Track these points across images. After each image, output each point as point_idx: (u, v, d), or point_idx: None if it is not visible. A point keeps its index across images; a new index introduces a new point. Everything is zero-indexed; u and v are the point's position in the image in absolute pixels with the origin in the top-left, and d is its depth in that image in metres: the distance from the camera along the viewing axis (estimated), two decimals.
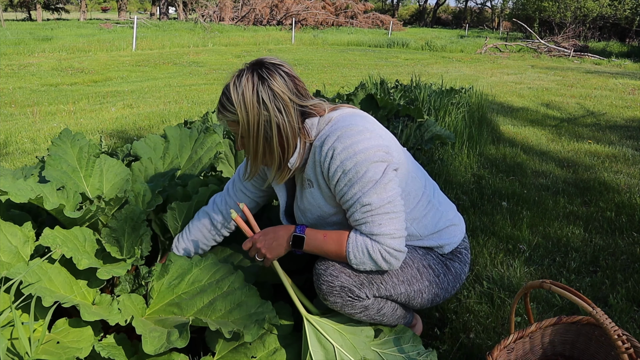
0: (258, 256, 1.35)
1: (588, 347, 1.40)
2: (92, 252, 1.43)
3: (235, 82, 1.27)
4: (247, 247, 1.36)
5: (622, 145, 4.30)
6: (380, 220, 1.23)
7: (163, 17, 31.97)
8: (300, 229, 1.32)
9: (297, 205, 1.44)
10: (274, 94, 1.25)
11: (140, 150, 2.01)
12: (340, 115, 1.32)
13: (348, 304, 1.32)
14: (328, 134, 1.27)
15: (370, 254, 1.25)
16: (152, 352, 1.15)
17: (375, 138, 1.27)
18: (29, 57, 11.84)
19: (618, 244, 2.38)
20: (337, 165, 1.24)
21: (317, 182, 1.33)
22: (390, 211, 1.24)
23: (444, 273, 1.43)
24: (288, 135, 1.28)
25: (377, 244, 1.24)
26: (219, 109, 1.30)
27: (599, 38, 22.00)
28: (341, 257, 1.29)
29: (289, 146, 1.30)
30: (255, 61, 1.31)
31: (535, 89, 7.79)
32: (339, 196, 1.29)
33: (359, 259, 1.26)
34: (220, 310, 1.34)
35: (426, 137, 3.60)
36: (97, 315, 1.20)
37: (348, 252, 1.26)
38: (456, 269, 1.46)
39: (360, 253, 1.26)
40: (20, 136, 4.52)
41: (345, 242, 1.27)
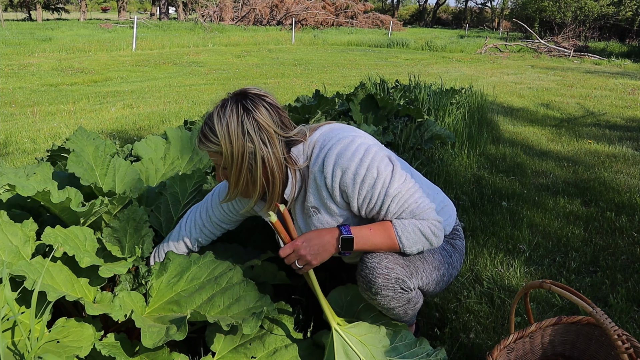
0: (299, 263, 1.28)
1: (588, 347, 1.40)
2: (93, 251, 1.43)
3: (219, 113, 1.25)
4: (287, 253, 1.28)
5: (622, 145, 4.30)
6: (413, 201, 1.27)
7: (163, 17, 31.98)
8: (346, 229, 1.29)
9: None
10: (259, 126, 1.24)
11: (142, 151, 2.01)
12: (322, 135, 1.33)
13: (397, 297, 1.33)
14: (324, 157, 1.28)
15: (421, 231, 1.28)
16: (151, 345, 1.15)
17: (363, 139, 1.31)
18: (29, 57, 11.85)
19: (618, 244, 2.38)
20: (352, 179, 1.26)
21: (324, 206, 1.34)
22: (415, 189, 1.29)
23: (452, 253, 1.47)
24: (273, 167, 1.28)
25: (424, 221, 1.28)
26: (201, 139, 1.28)
27: (599, 38, 22.01)
28: (392, 244, 1.29)
29: (273, 178, 1.30)
30: (239, 91, 1.30)
31: (535, 89, 7.80)
32: (365, 203, 1.29)
33: (411, 240, 1.28)
34: (219, 305, 1.34)
35: (426, 137, 3.60)
36: (100, 310, 1.20)
37: (399, 236, 1.28)
38: (459, 246, 1.51)
39: (412, 234, 1.28)
40: (20, 136, 4.52)
41: (393, 229, 1.28)
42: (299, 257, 1.27)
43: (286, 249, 1.28)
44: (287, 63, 11.81)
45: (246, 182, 1.29)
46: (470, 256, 2.25)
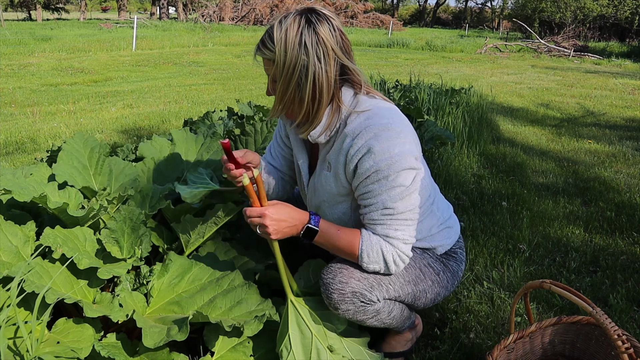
0: (259, 229, 1.25)
1: (588, 347, 1.40)
2: (93, 251, 1.43)
3: (282, 20, 1.19)
4: (252, 215, 1.24)
5: (622, 145, 4.30)
6: (397, 226, 1.25)
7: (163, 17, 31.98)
8: (315, 220, 1.27)
9: (313, 179, 1.42)
10: (318, 40, 1.17)
11: (146, 152, 2.01)
12: (376, 107, 1.26)
13: (360, 311, 1.30)
14: (364, 127, 1.23)
15: (384, 255, 1.26)
16: (152, 345, 1.15)
17: (410, 143, 1.24)
18: (29, 57, 11.85)
19: (618, 244, 2.38)
20: (371, 164, 1.21)
21: (335, 168, 1.31)
22: (409, 218, 1.25)
23: (442, 271, 1.45)
24: (322, 87, 1.21)
25: (391, 247, 1.26)
26: (259, 46, 1.23)
27: (599, 38, 22.01)
28: (352, 254, 1.28)
29: (320, 98, 1.22)
30: (306, 7, 1.24)
31: (535, 89, 7.79)
32: (360, 191, 1.26)
33: (371, 258, 1.26)
34: (220, 307, 1.34)
35: (426, 137, 3.60)
36: (99, 312, 1.20)
37: (362, 249, 1.26)
38: (453, 267, 1.48)
39: (374, 253, 1.26)
40: (20, 136, 4.52)
41: (359, 241, 1.27)
42: (261, 224, 1.23)
43: (253, 211, 1.23)
44: None
45: (292, 98, 1.22)
46: (470, 256, 2.25)
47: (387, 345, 1.59)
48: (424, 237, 1.42)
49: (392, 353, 1.58)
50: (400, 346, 1.59)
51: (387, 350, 1.59)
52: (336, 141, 1.30)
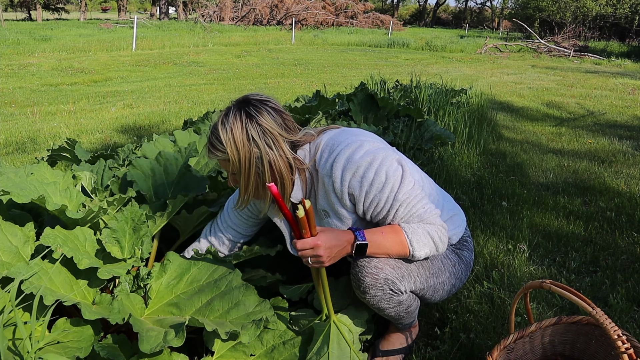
0: (312, 260, 1.26)
1: (588, 347, 1.40)
2: (93, 252, 1.43)
3: (224, 121, 1.28)
4: (305, 248, 1.24)
5: (622, 145, 4.30)
6: (422, 206, 1.29)
7: (163, 17, 31.97)
8: (361, 235, 1.28)
9: None
10: (263, 131, 1.27)
11: (150, 152, 2.01)
12: (330, 139, 1.34)
13: (387, 298, 1.35)
14: (332, 161, 1.30)
15: (430, 235, 1.29)
16: (148, 350, 1.15)
17: (373, 144, 1.31)
18: (29, 57, 11.85)
19: (618, 244, 2.38)
20: (360, 184, 1.27)
21: (333, 211, 1.37)
22: (423, 195, 1.31)
23: (457, 262, 1.48)
24: (281, 169, 1.30)
25: (432, 225, 1.30)
26: (209, 149, 1.32)
27: (598, 38, 22.00)
28: (403, 247, 1.30)
29: (282, 179, 1.32)
30: (241, 99, 1.33)
31: (535, 88, 7.79)
32: (372, 207, 1.31)
33: (421, 243, 1.29)
34: (218, 310, 1.34)
35: (426, 137, 3.60)
36: (98, 314, 1.20)
37: (410, 239, 1.29)
38: (466, 258, 1.51)
39: (422, 237, 1.29)
40: (20, 136, 4.52)
41: (403, 233, 1.29)
42: (315, 255, 1.25)
43: (305, 244, 1.23)
44: (287, 63, 11.81)
45: (256, 185, 1.32)
46: None
47: (386, 343, 1.61)
48: None
49: (390, 350, 1.59)
50: (398, 344, 1.60)
51: (385, 347, 1.60)
52: (318, 189, 1.36)
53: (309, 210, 1.24)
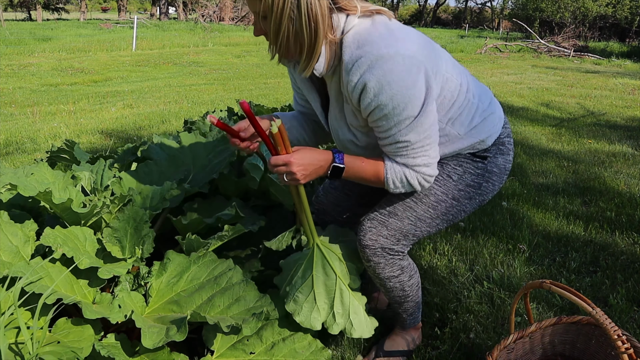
0: (287, 177, 1.25)
1: (588, 347, 1.40)
2: (93, 251, 1.43)
3: None
4: (278, 164, 1.22)
5: (622, 145, 4.30)
6: (415, 154, 1.24)
7: (163, 17, 31.98)
8: (340, 158, 1.26)
9: (330, 118, 1.38)
10: None
11: (154, 154, 2.01)
12: (366, 29, 1.16)
13: (390, 263, 1.40)
14: (356, 59, 1.14)
15: (408, 181, 1.28)
16: (151, 345, 1.15)
17: (410, 63, 1.13)
18: (29, 57, 11.85)
19: (618, 244, 2.38)
20: (370, 100, 1.16)
21: (345, 101, 1.28)
22: (426, 144, 1.23)
23: (485, 181, 1.42)
24: (317, 16, 1.12)
25: (414, 172, 1.27)
26: None
27: (599, 38, 22.00)
28: (378, 181, 1.30)
29: (317, 31, 1.14)
30: None
31: (535, 89, 7.80)
32: (371, 124, 1.24)
33: (396, 184, 1.29)
34: (219, 306, 1.34)
35: None
36: (98, 313, 1.20)
37: (387, 178, 1.28)
38: (499, 166, 1.43)
39: (398, 180, 1.28)
40: (20, 136, 4.52)
41: (383, 170, 1.28)
42: (289, 172, 1.23)
43: (278, 160, 1.22)
44: None
45: (287, 34, 1.14)
46: (470, 256, 2.26)
47: (390, 343, 1.61)
48: (468, 132, 1.35)
49: (393, 351, 1.60)
50: (402, 345, 1.61)
51: (389, 348, 1.61)
52: (341, 72, 1.22)
53: (282, 129, 1.22)
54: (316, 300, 1.37)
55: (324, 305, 1.37)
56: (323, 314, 1.37)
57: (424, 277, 2.08)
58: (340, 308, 1.38)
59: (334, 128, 1.38)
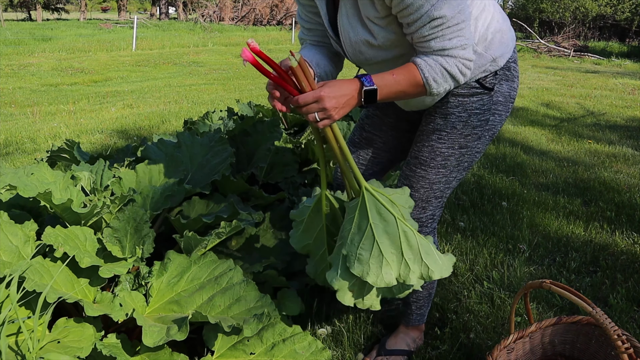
0: (319, 115, 1.12)
1: (588, 347, 1.40)
2: (93, 251, 1.43)
3: None
4: (308, 102, 1.11)
5: (622, 145, 4.30)
6: (451, 34, 1.12)
7: (163, 17, 31.99)
8: (368, 80, 1.14)
9: (340, 16, 1.26)
10: None
11: (153, 154, 2.01)
12: None
13: None
14: None
15: (449, 72, 1.15)
16: (152, 344, 1.15)
17: None
18: (29, 57, 11.85)
19: (618, 244, 2.38)
20: None
21: None
22: (461, 21, 1.11)
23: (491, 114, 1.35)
24: None
25: (452, 59, 1.14)
26: None
27: (598, 38, 21.99)
28: (418, 87, 1.16)
29: None
30: None
31: (535, 88, 7.80)
32: (398, 8, 1.11)
33: (438, 80, 1.15)
34: (219, 306, 1.34)
35: None
36: (100, 311, 1.20)
37: (425, 78, 1.14)
38: (504, 94, 1.35)
39: (439, 76, 1.15)
40: (20, 136, 4.52)
41: (418, 71, 1.15)
42: (321, 108, 1.11)
43: (308, 97, 1.10)
44: None
45: None
46: (470, 256, 2.26)
47: (393, 342, 1.62)
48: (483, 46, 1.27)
49: (395, 350, 1.60)
50: (405, 345, 1.61)
51: (390, 347, 1.61)
52: None
53: (302, 62, 1.11)
54: (383, 252, 1.17)
55: (392, 256, 1.18)
56: (395, 267, 1.18)
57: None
58: (411, 253, 1.18)
59: (345, 30, 1.26)
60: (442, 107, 1.33)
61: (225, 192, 1.95)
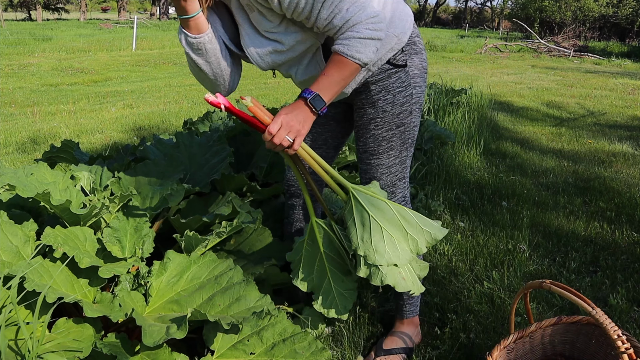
0: (290, 135, 1.18)
1: (588, 347, 1.40)
2: (93, 251, 1.43)
3: None
4: (276, 129, 1.16)
5: (622, 145, 4.30)
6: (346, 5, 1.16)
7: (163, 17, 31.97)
8: (308, 92, 1.20)
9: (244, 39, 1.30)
10: None
11: (151, 154, 2.01)
12: None
13: None
14: None
15: (363, 37, 1.17)
16: (152, 343, 1.15)
17: None
18: (29, 57, 11.85)
19: (618, 244, 2.38)
20: None
21: (250, 8, 1.23)
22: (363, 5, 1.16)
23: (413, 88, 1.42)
24: None
25: (359, 25, 1.16)
26: None
27: (599, 38, 21.99)
28: (350, 67, 1.20)
29: None
30: None
31: (535, 88, 7.80)
32: (291, 7, 1.17)
33: (362, 50, 1.18)
34: (219, 305, 1.34)
35: (426, 137, 3.60)
36: (99, 312, 1.20)
37: (350, 56, 1.17)
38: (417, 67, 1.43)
39: (358, 45, 1.17)
40: (20, 136, 4.52)
41: (341, 55, 1.18)
42: (290, 129, 1.17)
43: (274, 125, 1.16)
44: None
45: None
46: (470, 256, 2.26)
47: (389, 341, 1.63)
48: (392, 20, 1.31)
49: (392, 349, 1.60)
50: (402, 343, 1.61)
51: (388, 346, 1.62)
52: None
53: (255, 101, 1.19)
54: (393, 236, 1.27)
55: (399, 236, 1.28)
56: (405, 244, 1.28)
57: (424, 277, 2.07)
58: (411, 228, 1.29)
59: (251, 49, 1.30)
60: (368, 97, 1.39)
61: (224, 190, 1.95)
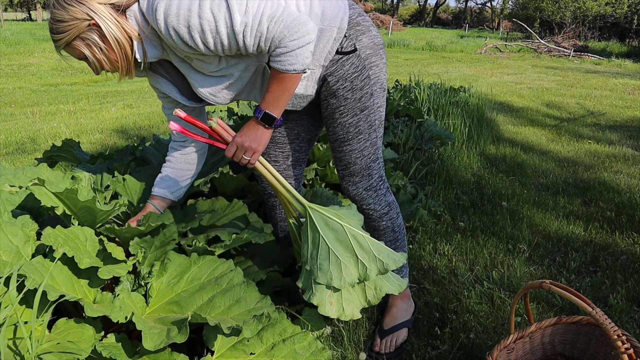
0: (247, 155, 1.30)
1: (588, 347, 1.40)
2: (94, 252, 1.43)
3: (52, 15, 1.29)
4: (233, 151, 1.30)
5: (622, 145, 4.31)
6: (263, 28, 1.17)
7: None
8: (258, 111, 1.29)
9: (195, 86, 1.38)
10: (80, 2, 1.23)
11: (150, 155, 2.01)
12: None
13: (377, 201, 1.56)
14: (154, 15, 1.19)
15: (291, 50, 1.19)
16: (152, 347, 1.15)
17: None
18: (29, 57, 11.85)
19: (618, 244, 2.38)
20: (189, 36, 1.18)
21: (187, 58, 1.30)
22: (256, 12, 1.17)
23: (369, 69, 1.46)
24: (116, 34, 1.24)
25: (284, 40, 1.18)
26: None
27: (598, 38, 21.99)
28: (290, 79, 1.25)
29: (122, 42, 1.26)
30: None
31: (535, 89, 7.80)
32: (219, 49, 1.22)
33: (294, 61, 1.21)
34: (219, 307, 1.34)
35: (426, 137, 3.60)
36: (100, 312, 1.20)
37: (286, 70, 1.22)
38: (369, 46, 1.46)
39: (290, 58, 1.20)
40: (20, 136, 4.52)
41: (277, 71, 1.23)
42: (245, 149, 1.29)
43: (230, 148, 1.29)
44: None
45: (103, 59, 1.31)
46: (470, 256, 2.26)
47: (389, 320, 1.65)
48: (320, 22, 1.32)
49: (395, 326, 1.62)
50: (401, 317, 1.64)
51: (389, 325, 1.64)
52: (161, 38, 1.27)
53: (221, 122, 1.30)
54: (340, 257, 1.30)
55: (348, 259, 1.30)
56: (353, 268, 1.31)
57: (424, 277, 2.08)
58: (364, 253, 1.30)
59: (204, 93, 1.38)
60: (328, 89, 1.42)
61: (224, 189, 1.95)
